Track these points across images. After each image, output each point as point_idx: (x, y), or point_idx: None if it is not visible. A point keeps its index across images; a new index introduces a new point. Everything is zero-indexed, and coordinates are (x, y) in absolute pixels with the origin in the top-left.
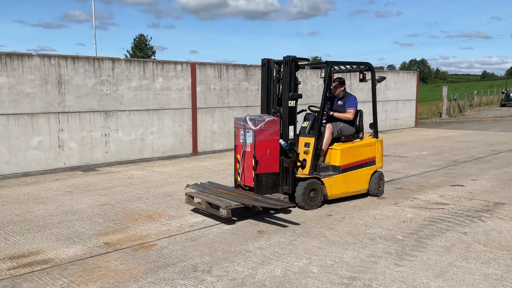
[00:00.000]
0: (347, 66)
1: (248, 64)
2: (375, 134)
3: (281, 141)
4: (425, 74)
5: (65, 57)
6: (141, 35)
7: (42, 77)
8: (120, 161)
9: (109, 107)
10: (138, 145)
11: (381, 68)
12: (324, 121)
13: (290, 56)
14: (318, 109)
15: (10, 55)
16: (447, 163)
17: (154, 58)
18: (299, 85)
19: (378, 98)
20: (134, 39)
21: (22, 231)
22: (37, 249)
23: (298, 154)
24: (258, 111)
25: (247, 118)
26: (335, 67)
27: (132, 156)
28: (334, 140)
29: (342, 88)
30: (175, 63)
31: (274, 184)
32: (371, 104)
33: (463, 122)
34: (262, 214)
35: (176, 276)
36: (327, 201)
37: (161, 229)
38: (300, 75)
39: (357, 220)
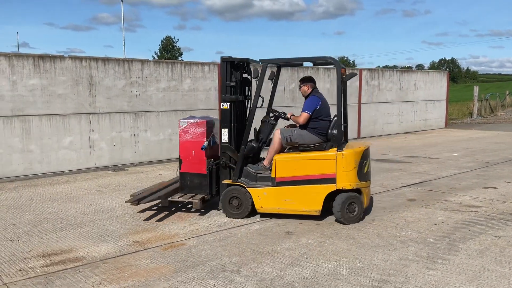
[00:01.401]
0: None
1: None
2: (339, 145)
3: (205, 143)
4: (455, 74)
5: (95, 59)
6: (168, 37)
7: (74, 79)
8: (148, 161)
9: (138, 108)
10: (166, 145)
11: (410, 67)
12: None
13: (224, 56)
14: (276, 113)
15: (42, 57)
16: (479, 165)
17: (182, 59)
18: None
19: (407, 98)
20: (162, 41)
21: (55, 229)
22: (69, 247)
23: (230, 158)
24: (284, 110)
25: (183, 118)
26: (279, 65)
27: (160, 156)
28: (294, 148)
29: (306, 88)
30: (202, 64)
31: (201, 185)
32: (399, 104)
33: (495, 123)
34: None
35: (205, 276)
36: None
37: (189, 228)
38: (327, 75)
39: (387, 223)
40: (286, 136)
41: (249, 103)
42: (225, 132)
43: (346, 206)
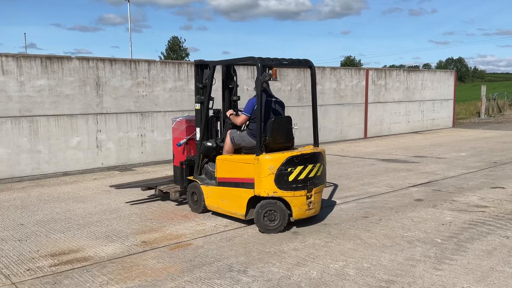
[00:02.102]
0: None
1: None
2: (258, 148)
3: (181, 141)
4: (463, 73)
5: (102, 60)
6: (175, 37)
7: (81, 79)
8: (155, 161)
9: (145, 108)
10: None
11: (417, 67)
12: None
13: (196, 60)
14: (218, 113)
15: (50, 58)
16: (487, 165)
17: (188, 60)
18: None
19: (414, 97)
20: (168, 41)
21: (62, 229)
22: (77, 247)
23: (199, 155)
24: (291, 111)
25: (174, 117)
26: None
27: (167, 156)
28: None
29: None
30: None
31: (182, 178)
32: (406, 104)
33: (502, 123)
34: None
35: (212, 276)
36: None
37: (196, 228)
38: (334, 75)
39: (394, 223)
40: (231, 137)
41: (230, 103)
42: (197, 131)
43: (264, 214)
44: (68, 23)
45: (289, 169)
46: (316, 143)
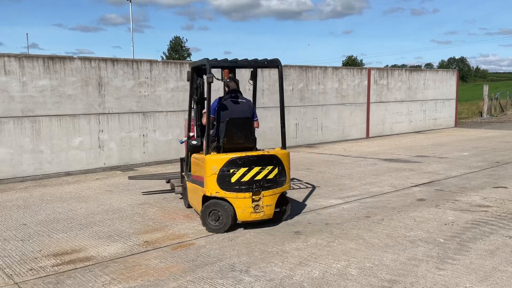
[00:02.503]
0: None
1: (282, 64)
2: (206, 148)
3: (182, 138)
4: (465, 73)
5: (105, 60)
6: (177, 37)
7: (83, 79)
8: (157, 161)
9: (147, 108)
10: (175, 146)
11: (419, 66)
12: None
13: (191, 62)
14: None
15: (52, 58)
16: (489, 164)
17: (190, 60)
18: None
19: (416, 97)
20: (170, 41)
21: (65, 229)
22: (79, 247)
23: (187, 153)
24: (293, 111)
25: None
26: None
27: (169, 156)
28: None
29: (226, 89)
30: None
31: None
32: (408, 104)
33: (505, 122)
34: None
35: (214, 275)
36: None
37: (198, 228)
38: (336, 75)
39: (397, 223)
40: None
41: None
42: (184, 129)
43: (209, 213)
44: (70, 23)
45: (231, 170)
46: (283, 146)
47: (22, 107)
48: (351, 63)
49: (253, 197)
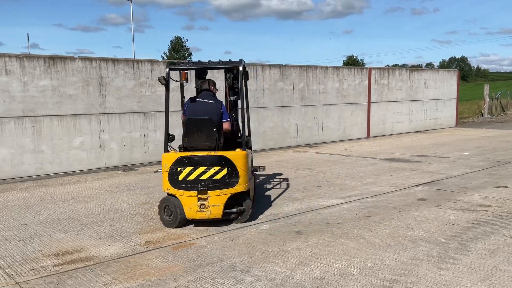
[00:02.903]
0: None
1: (283, 64)
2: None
3: None
4: (466, 72)
5: (105, 60)
6: (178, 37)
7: (84, 79)
8: (158, 161)
9: (148, 108)
10: (176, 145)
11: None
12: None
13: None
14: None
15: (53, 58)
16: (490, 164)
17: (191, 60)
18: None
19: (417, 97)
20: (171, 41)
21: (66, 229)
22: (80, 247)
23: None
24: (294, 111)
25: None
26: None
27: None
28: None
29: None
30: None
31: None
32: (408, 103)
33: (506, 122)
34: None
35: (215, 275)
36: None
37: (199, 228)
38: (336, 74)
39: (397, 222)
40: None
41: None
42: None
43: (163, 209)
44: (70, 23)
45: (179, 169)
46: (243, 146)
47: (23, 107)
48: (352, 63)
49: (199, 196)
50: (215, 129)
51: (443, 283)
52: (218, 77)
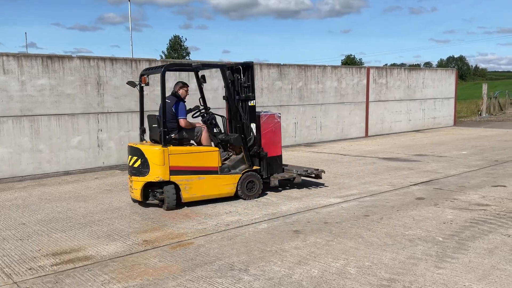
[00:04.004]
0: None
1: (282, 64)
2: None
3: None
4: (464, 72)
5: (103, 59)
6: (176, 36)
7: (82, 79)
8: None
9: (146, 108)
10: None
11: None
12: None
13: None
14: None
15: (51, 57)
16: (488, 163)
17: (189, 59)
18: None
19: (415, 96)
20: (170, 40)
21: (64, 228)
22: (78, 246)
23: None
24: (292, 110)
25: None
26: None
27: None
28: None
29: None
30: (209, 63)
31: None
32: (407, 102)
33: (504, 121)
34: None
35: (213, 275)
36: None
37: (197, 227)
38: (335, 74)
39: (395, 221)
40: None
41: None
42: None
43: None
44: (68, 22)
45: (129, 156)
46: (164, 144)
47: (21, 107)
48: (350, 62)
49: (130, 179)
50: (155, 125)
51: (441, 282)
52: (216, 76)
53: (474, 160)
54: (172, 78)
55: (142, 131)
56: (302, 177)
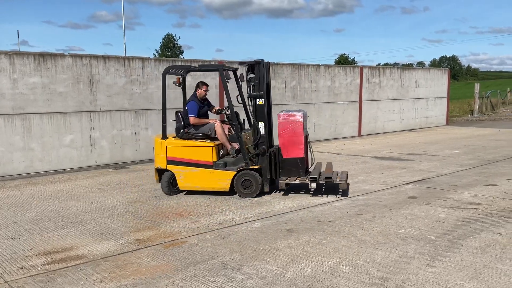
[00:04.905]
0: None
1: (275, 62)
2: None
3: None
4: (456, 71)
5: (96, 57)
6: (169, 35)
7: (74, 77)
8: (149, 159)
9: (139, 106)
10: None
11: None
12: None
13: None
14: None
15: (43, 55)
16: (480, 162)
17: (182, 57)
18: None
19: (408, 95)
20: (163, 39)
21: (56, 227)
22: (70, 245)
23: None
24: (285, 109)
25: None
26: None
27: None
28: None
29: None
30: (203, 62)
31: None
32: (400, 102)
33: (496, 120)
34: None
35: (206, 274)
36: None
37: (190, 226)
38: (328, 73)
39: (388, 220)
40: None
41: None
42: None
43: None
44: (60, 20)
45: None
46: (162, 135)
47: (12, 105)
48: (344, 61)
49: None
50: (172, 120)
51: (433, 280)
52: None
53: (466, 159)
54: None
55: (164, 127)
56: (322, 183)
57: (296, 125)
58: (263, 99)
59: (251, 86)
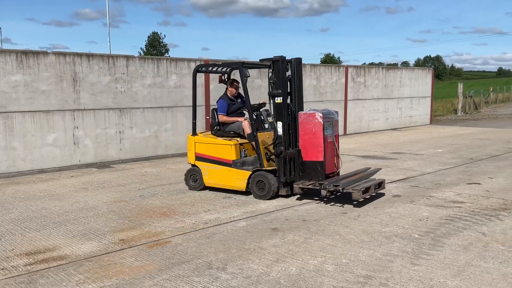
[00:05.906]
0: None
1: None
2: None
3: None
4: (440, 71)
5: (80, 55)
6: (155, 33)
7: (57, 75)
8: (134, 158)
9: (124, 105)
10: (152, 142)
11: (395, 64)
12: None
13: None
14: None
15: (25, 52)
16: (463, 161)
17: (168, 56)
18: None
19: (393, 95)
20: (148, 37)
21: (38, 227)
22: (53, 246)
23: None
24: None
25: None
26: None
27: (146, 153)
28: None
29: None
30: (189, 60)
31: None
32: (384, 101)
33: (479, 120)
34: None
35: (191, 273)
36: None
37: (175, 226)
38: (314, 72)
39: (372, 218)
40: None
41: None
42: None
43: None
44: (43, 17)
45: None
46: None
47: None
48: (329, 60)
49: None
50: (207, 117)
51: (417, 278)
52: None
53: (450, 158)
54: (150, 75)
55: (194, 124)
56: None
57: (316, 126)
58: (281, 98)
59: (271, 84)
